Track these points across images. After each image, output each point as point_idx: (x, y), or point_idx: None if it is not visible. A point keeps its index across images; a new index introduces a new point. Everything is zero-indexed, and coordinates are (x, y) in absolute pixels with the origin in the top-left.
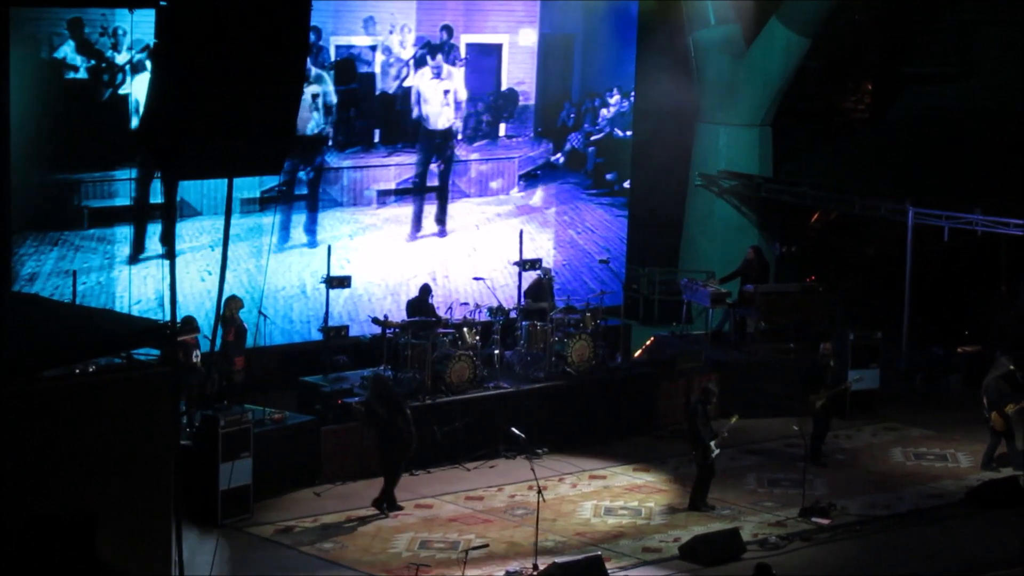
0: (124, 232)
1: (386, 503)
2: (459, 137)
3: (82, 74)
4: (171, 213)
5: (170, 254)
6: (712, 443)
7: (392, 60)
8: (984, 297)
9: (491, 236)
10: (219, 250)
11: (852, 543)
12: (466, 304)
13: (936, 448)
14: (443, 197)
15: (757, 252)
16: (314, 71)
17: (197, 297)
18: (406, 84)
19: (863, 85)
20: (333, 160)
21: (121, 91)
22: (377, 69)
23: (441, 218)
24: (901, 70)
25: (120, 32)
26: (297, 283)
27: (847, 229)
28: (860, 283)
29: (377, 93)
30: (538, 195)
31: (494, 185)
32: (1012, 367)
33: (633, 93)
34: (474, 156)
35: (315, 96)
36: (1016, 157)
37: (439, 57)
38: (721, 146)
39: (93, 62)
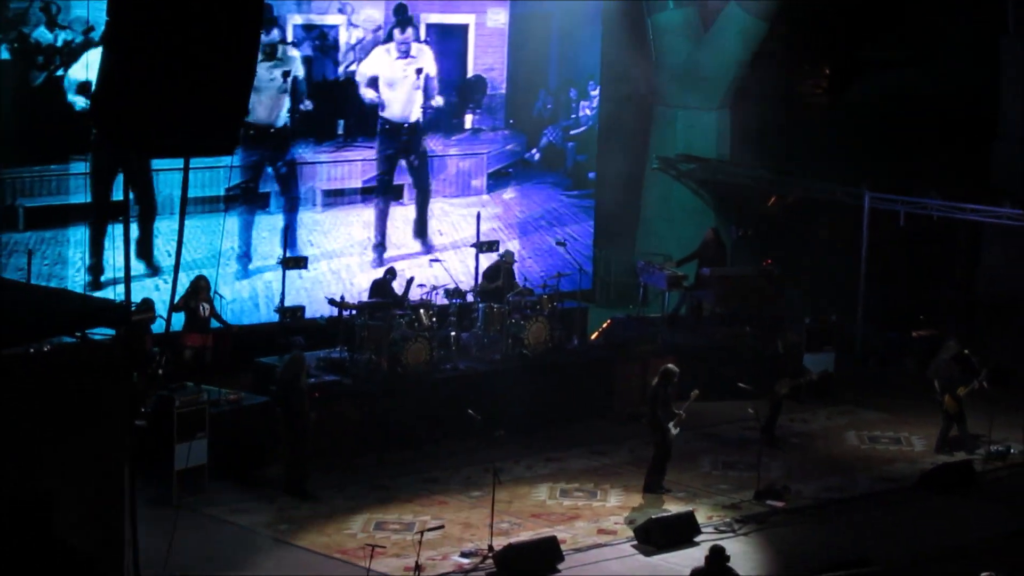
0: (74, 235)
1: (295, 488)
2: (425, 127)
3: (4, 55)
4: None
5: (125, 224)
6: (671, 424)
7: (352, 39)
8: (939, 281)
9: (458, 231)
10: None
11: (806, 526)
12: (423, 286)
13: (890, 431)
14: (419, 200)
15: (715, 234)
16: (280, 48)
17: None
18: (365, 67)
19: (820, 69)
20: (297, 154)
21: (59, 74)
22: (340, 48)
23: (419, 227)
24: (858, 55)
25: (53, 10)
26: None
27: (804, 213)
28: (816, 267)
29: (341, 78)
30: (510, 196)
31: (460, 184)
32: (966, 351)
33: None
34: (437, 152)
35: (285, 75)
36: (971, 142)
37: (409, 31)
38: (679, 129)
39: (17, 43)
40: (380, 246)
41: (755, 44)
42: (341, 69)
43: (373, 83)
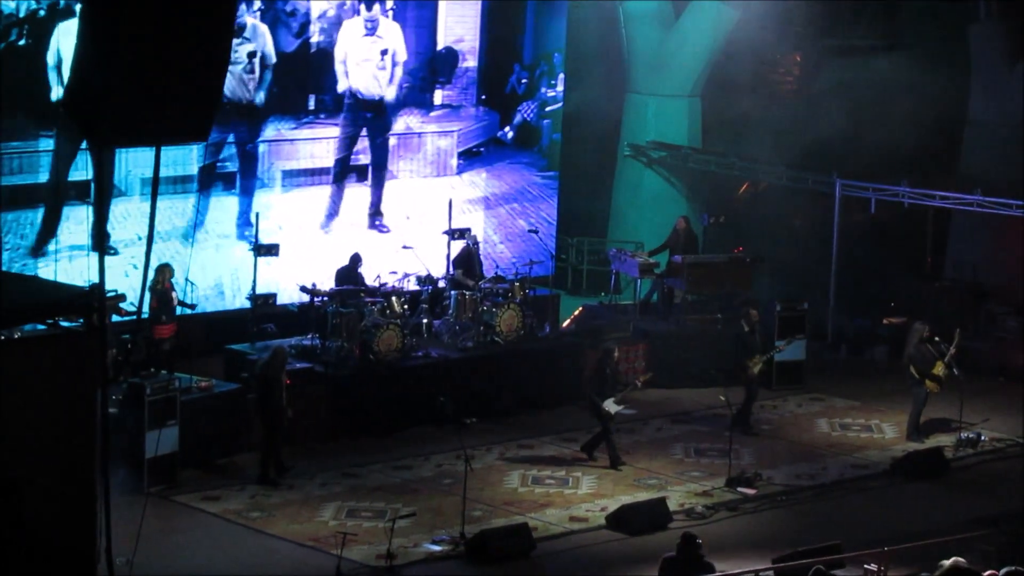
0: (21, 219)
1: (273, 472)
2: (392, 105)
3: None
4: (100, 185)
5: (97, 205)
6: (608, 402)
7: (317, 11)
8: (910, 269)
9: (424, 211)
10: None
11: (777, 513)
12: (395, 273)
13: (861, 419)
14: (375, 179)
15: (686, 223)
16: (248, 23)
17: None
18: (334, 42)
19: (791, 57)
20: (267, 131)
21: (21, 44)
22: (309, 19)
23: (375, 206)
24: (828, 42)
25: None
26: (227, 265)
27: (775, 200)
28: (787, 254)
29: (312, 50)
30: (481, 177)
31: (428, 164)
32: (936, 337)
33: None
34: (402, 128)
35: (251, 55)
36: (941, 129)
37: (376, 8)
38: (650, 117)
39: None
40: (374, 225)
41: (726, 32)
42: (312, 40)
43: (340, 60)
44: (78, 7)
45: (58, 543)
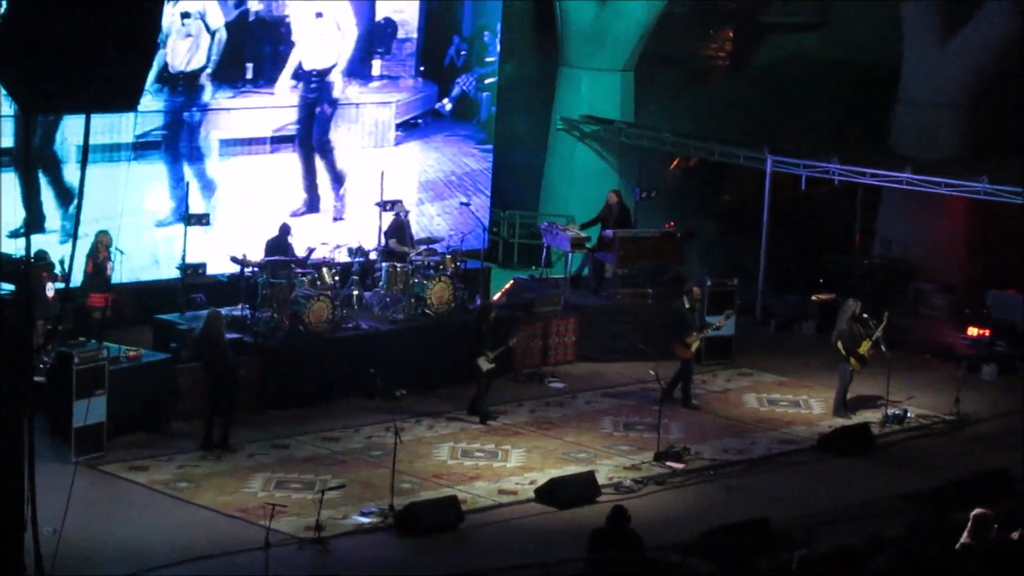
0: None
1: (217, 439)
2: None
3: None
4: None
5: (26, 180)
6: (480, 359)
7: None
8: (839, 246)
9: (358, 182)
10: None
11: (705, 487)
12: (325, 244)
13: (789, 394)
14: (321, 149)
15: (618, 196)
16: None
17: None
18: (271, 12)
19: (724, 32)
20: (205, 100)
21: None
22: None
23: (310, 177)
24: (761, 18)
25: None
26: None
27: (706, 176)
28: (718, 230)
29: (250, 20)
30: (418, 149)
31: (366, 135)
32: (864, 315)
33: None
34: (340, 97)
35: (184, 17)
36: (872, 107)
37: None
38: (583, 91)
39: None
40: (310, 196)
41: (660, 7)
42: (252, 9)
43: (286, 25)
44: None
45: None
